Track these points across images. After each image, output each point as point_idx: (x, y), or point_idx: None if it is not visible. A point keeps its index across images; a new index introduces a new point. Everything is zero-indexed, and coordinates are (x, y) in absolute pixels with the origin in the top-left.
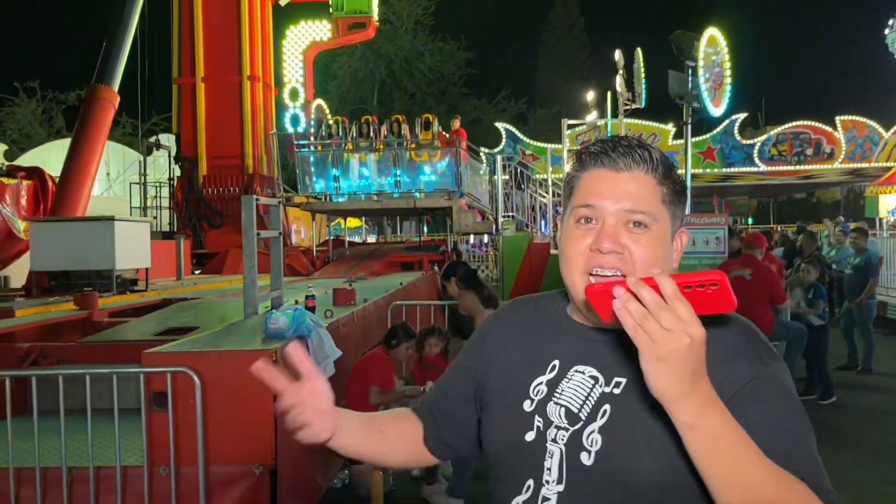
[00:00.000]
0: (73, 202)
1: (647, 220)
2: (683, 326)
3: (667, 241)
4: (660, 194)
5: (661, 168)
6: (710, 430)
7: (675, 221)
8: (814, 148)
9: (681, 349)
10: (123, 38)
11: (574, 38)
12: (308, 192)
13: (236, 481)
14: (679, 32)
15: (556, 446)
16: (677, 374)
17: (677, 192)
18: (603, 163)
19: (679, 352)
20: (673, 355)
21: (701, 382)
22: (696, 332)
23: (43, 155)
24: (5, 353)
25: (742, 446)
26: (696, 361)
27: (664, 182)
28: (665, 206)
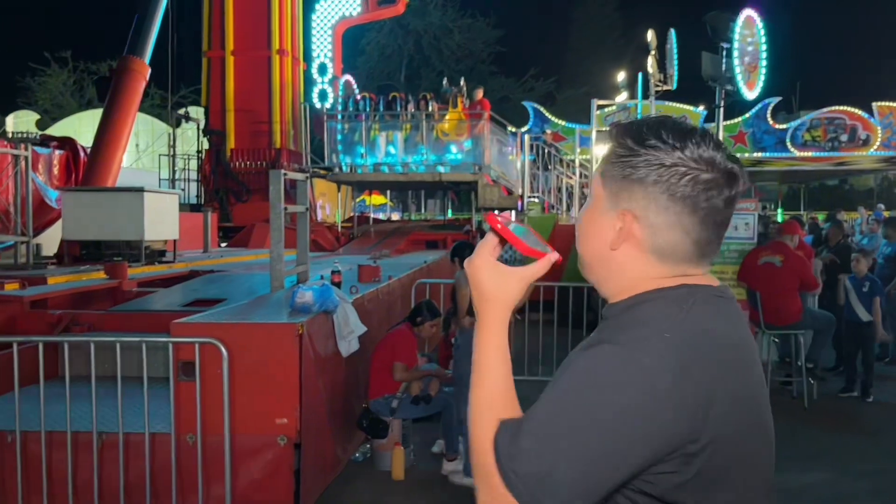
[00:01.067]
0: (105, 172)
1: (591, 193)
2: (474, 254)
3: (597, 220)
4: (601, 170)
5: (609, 147)
6: (477, 344)
7: (612, 200)
8: (849, 134)
9: (468, 271)
10: (155, 10)
11: (606, 17)
12: (334, 164)
13: (261, 451)
14: (714, 13)
15: None
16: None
17: (618, 165)
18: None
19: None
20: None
21: (482, 304)
22: (473, 260)
23: (74, 124)
24: (38, 319)
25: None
26: (474, 285)
27: (607, 159)
28: (602, 181)
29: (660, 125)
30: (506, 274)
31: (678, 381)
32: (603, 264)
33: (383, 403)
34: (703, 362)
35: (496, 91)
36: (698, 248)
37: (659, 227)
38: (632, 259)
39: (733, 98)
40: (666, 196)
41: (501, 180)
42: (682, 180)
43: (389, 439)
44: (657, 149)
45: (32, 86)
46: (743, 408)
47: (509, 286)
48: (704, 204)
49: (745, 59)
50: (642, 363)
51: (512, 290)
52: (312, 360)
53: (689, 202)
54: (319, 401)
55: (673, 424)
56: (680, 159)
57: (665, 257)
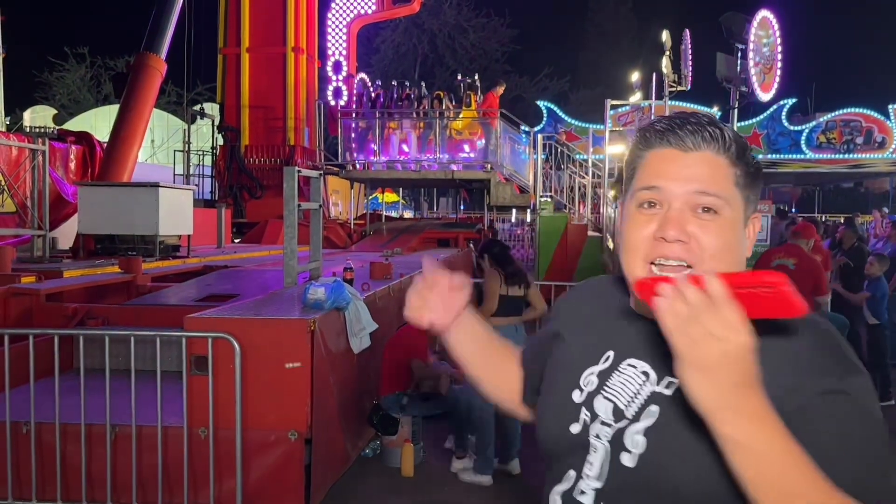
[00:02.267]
0: (120, 168)
1: (718, 204)
2: (730, 334)
3: (739, 229)
4: (732, 176)
5: (734, 147)
6: (757, 447)
7: (748, 206)
8: (864, 136)
9: (720, 356)
10: (172, 7)
11: (621, 17)
12: (348, 161)
13: (272, 446)
14: (729, 14)
15: (600, 442)
16: (717, 382)
17: (752, 174)
18: (669, 141)
19: (718, 358)
20: (712, 362)
21: (748, 393)
22: (740, 338)
23: (90, 119)
24: (53, 311)
25: (796, 469)
26: (739, 370)
27: (737, 163)
28: (738, 189)
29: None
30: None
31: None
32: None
33: (394, 400)
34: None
35: (510, 90)
36: None
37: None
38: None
39: (748, 99)
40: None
41: (514, 178)
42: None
43: (400, 436)
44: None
45: (50, 81)
46: None
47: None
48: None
49: (760, 61)
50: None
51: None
52: (324, 357)
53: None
54: (330, 396)
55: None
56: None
57: None
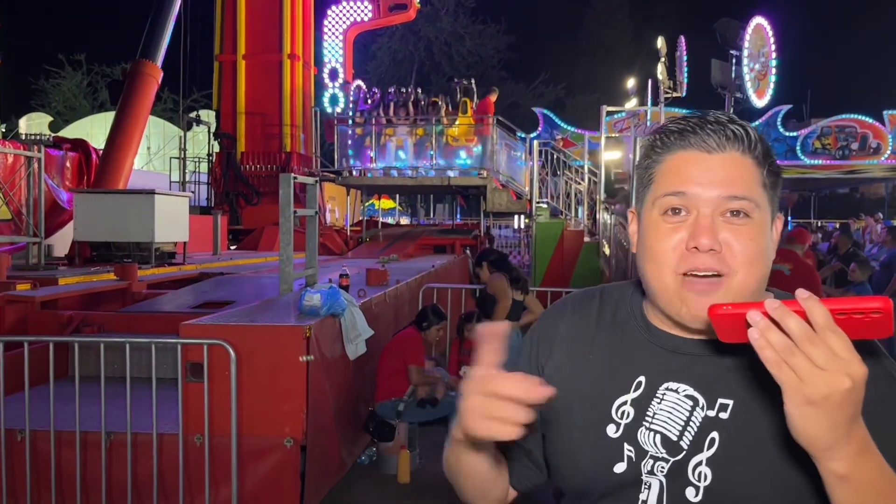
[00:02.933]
0: (116, 175)
1: (750, 207)
2: (841, 365)
3: (767, 232)
4: (760, 177)
5: (759, 147)
6: (864, 480)
7: (773, 208)
8: (859, 142)
9: (838, 392)
10: (168, 14)
11: (616, 23)
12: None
13: (267, 453)
14: (724, 21)
15: (655, 478)
16: (832, 420)
17: (775, 174)
18: (690, 142)
19: (836, 395)
20: (827, 398)
21: (857, 428)
22: (857, 371)
23: (86, 126)
24: (49, 319)
25: (889, 486)
26: (854, 406)
27: (763, 163)
28: (765, 190)
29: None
30: None
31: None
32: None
33: (390, 406)
34: None
35: (506, 97)
36: None
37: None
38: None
39: (743, 106)
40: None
41: (510, 184)
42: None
43: (396, 442)
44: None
45: (46, 88)
46: None
47: None
48: None
49: (754, 67)
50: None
51: None
52: (319, 363)
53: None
54: (326, 403)
55: None
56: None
57: None
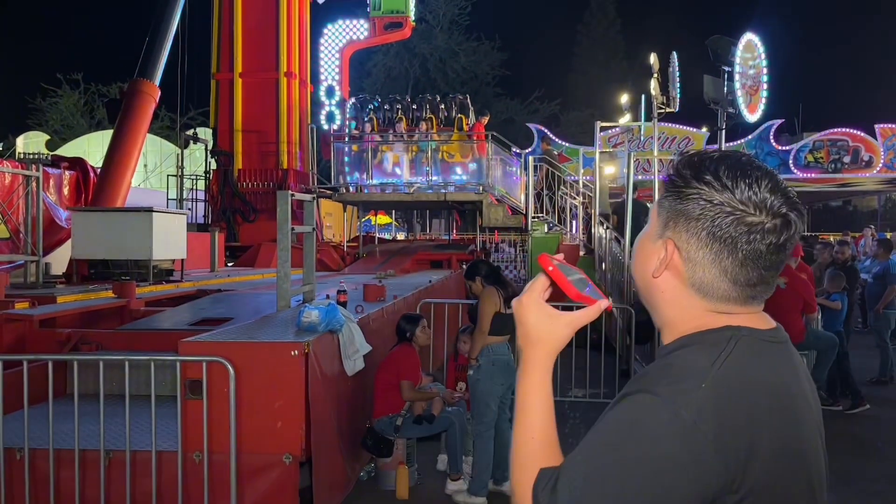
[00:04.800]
0: (114, 193)
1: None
2: (524, 293)
3: (646, 247)
4: (658, 201)
5: (670, 179)
6: (519, 384)
7: (662, 228)
8: (851, 155)
9: (515, 309)
10: (166, 34)
11: (609, 40)
12: (341, 185)
13: (266, 469)
14: (716, 37)
15: None
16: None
17: (675, 199)
18: None
19: (515, 311)
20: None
21: (526, 345)
22: (521, 298)
23: (83, 145)
24: (47, 337)
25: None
26: (520, 325)
27: (665, 189)
28: (658, 210)
29: (720, 161)
30: (554, 317)
31: (717, 435)
32: (648, 291)
33: (387, 423)
34: (742, 414)
35: (501, 113)
36: (739, 288)
37: (698, 262)
38: (672, 289)
39: (735, 120)
40: (706, 233)
41: (506, 200)
42: (725, 220)
43: (394, 458)
44: (709, 185)
45: (43, 107)
46: (786, 459)
47: (557, 331)
48: (746, 247)
49: (746, 83)
50: (681, 417)
51: (559, 334)
52: (318, 379)
53: (728, 242)
54: (328, 419)
55: (711, 477)
56: (728, 199)
57: (705, 293)
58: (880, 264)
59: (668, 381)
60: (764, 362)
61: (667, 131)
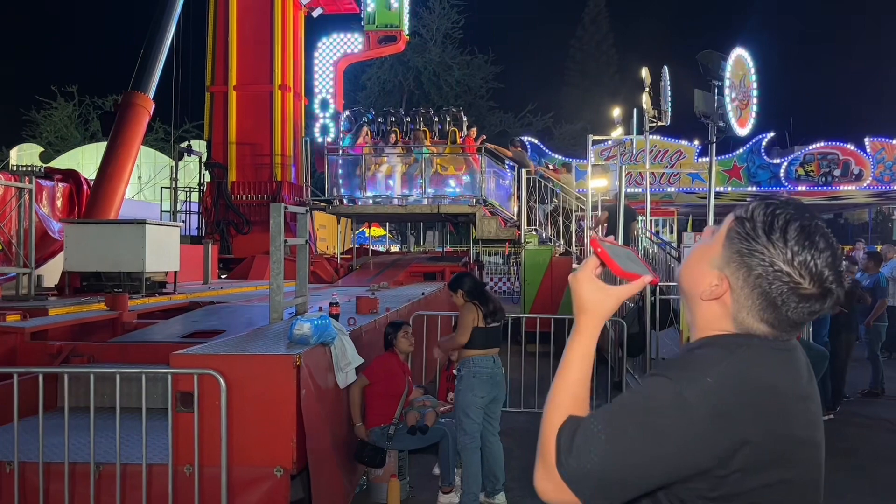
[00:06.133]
0: (107, 205)
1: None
2: (578, 269)
3: (703, 262)
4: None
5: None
6: (568, 347)
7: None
8: (841, 169)
9: (571, 283)
10: (160, 46)
11: (602, 54)
12: (334, 197)
13: (258, 482)
14: (706, 52)
15: None
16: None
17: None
18: None
19: (570, 285)
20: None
21: (579, 314)
22: (575, 274)
23: (77, 157)
24: (38, 350)
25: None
26: (574, 296)
27: (737, 224)
28: (727, 238)
29: (792, 220)
30: (603, 290)
31: (711, 418)
32: (691, 299)
33: (380, 433)
34: (737, 406)
35: (495, 126)
36: (774, 331)
37: (744, 307)
38: (713, 311)
39: (726, 134)
40: (761, 291)
41: (499, 212)
42: (782, 287)
43: (386, 471)
44: (776, 247)
45: (38, 119)
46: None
47: (606, 302)
48: (793, 311)
49: (736, 97)
50: (684, 398)
51: (607, 305)
52: (311, 392)
53: (779, 304)
54: (322, 431)
55: (702, 452)
56: (789, 270)
57: (740, 327)
58: (870, 277)
59: (679, 369)
60: (767, 365)
61: (658, 144)
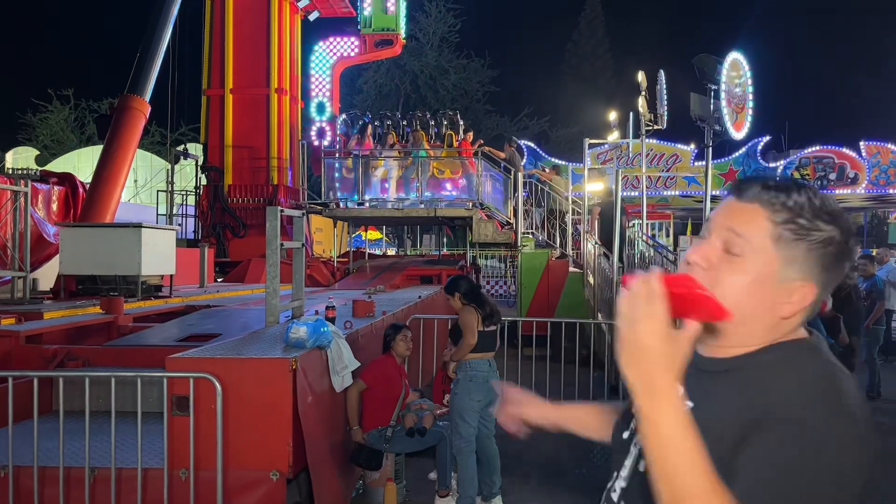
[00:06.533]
0: (103, 209)
1: (743, 247)
2: (647, 317)
3: (766, 284)
4: (772, 232)
5: (784, 212)
6: (654, 419)
7: (788, 268)
8: (837, 172)
9: (633, 338)
10: (157, 50)
11: (598, 58)
12: (331, 200)
13: (253, 486)
14: (702, 56)
15: (635, 448)
16: (630, 359)
17: (808, 243)
18: (735, 191)
19: (639, 339)
20: (634, 342)
21: (659, 374)
22: (655, 325)
23: (73, 160)
24: (33, 354)
25: (691, 465)
26: (641, 352)
27: (784, 224)
28: (775, 246)
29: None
30: (679, 339)
31: (867, 447)
32: (760, 323)
33: (377, 436)
34: (867, 423)
35: (491, 129)
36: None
37: (820, 298)
38: (789, 323)
39: (722, 138)
40: (831, 272)
41: (495, 216)
42: (842, 261)
43: (382, 475)
44: (829, 224)
45: (33, 122)
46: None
47: (683, 351)
48: (842, 278)
49: (731, 101)
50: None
51: (685, 354)
52: (307, 395)
53: (839, 276)
54: (320, 435)
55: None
56: (843, 237)
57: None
58: (867, 281)
59: (807, 405)
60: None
61: (655, 148)
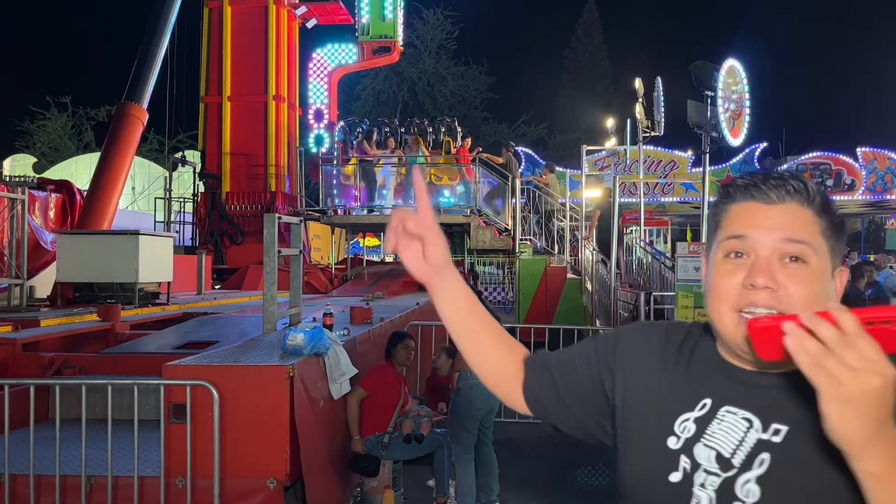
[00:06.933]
0: (100, 216)
1: (806, 252)
2: (871, 365)
3: (826, 279)
4: (818, 226)
5: (818, 199)
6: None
7: (834, 257)
8: (834, 179)
9: (869, 391)
10: (154, 57)
11: (596, 65)
12: (329, 207)
13: (250, 494)
14: (699, 63)
15: (705, 492)
16: (865, 417)
17: (836, 226)
18: (753, 195)
19: (867, 393)
20: (860, 397)
21: (889, 429)
22: (886, 370)
23: (70, 167)
24: (29, 361)
25: None
26: (885, 405)
27: (822, 214)
28: (824, 239)
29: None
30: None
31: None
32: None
33: (375, 442)
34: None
35: (489, 136)
36: None
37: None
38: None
39: (719, 144)
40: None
41: (493, 222)
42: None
43: (380, 482)
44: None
45: (31, 129)
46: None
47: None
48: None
49: (728, 108)
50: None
51: None
52: (305, 403)
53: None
54: (317, 442)
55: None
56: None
57: None
58: (871, 287)
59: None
60: None
61: (652, 154)
